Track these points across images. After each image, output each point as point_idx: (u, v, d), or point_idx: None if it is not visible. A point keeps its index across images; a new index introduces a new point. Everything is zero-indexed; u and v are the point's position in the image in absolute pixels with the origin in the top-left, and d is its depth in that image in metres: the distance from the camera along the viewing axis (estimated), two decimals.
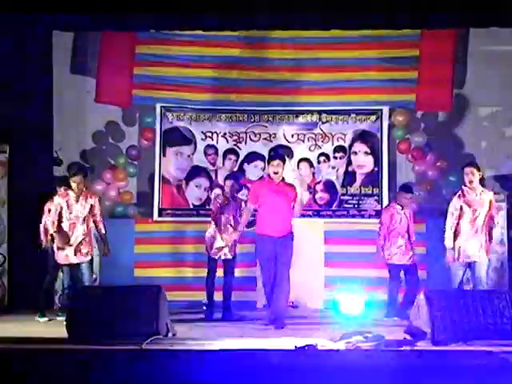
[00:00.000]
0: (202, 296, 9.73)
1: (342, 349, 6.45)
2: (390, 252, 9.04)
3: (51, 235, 8.71)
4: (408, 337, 6.86)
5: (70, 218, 8.59)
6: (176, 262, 10.48)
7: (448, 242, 8.03)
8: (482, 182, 8.09)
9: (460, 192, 8.04)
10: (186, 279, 10.35)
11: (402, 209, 9.12)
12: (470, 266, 8.01)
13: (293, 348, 6.30)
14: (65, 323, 7.05)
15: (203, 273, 9.48)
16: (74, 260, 8.60)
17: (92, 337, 6.73)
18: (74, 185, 8.57)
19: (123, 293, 7.32)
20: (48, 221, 8.80)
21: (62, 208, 8.58)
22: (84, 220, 8.63)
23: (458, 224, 8.00)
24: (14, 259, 9.91)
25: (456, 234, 7.98)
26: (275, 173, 7.98)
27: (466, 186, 7.99)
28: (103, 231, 8.73)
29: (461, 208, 7.97)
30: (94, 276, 9.53)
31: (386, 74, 10.62)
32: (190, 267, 10.41)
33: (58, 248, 8.59)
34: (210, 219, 9.22)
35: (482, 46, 10.53)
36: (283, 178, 8.28)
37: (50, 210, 8.84)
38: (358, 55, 10.62)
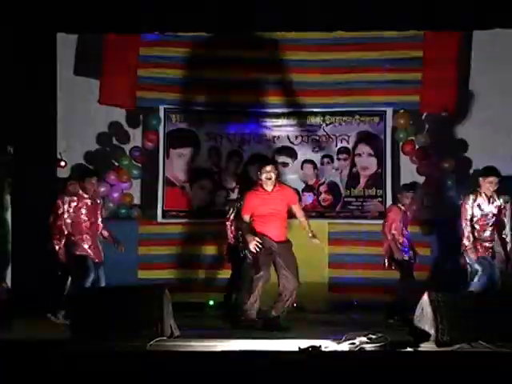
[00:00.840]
0: (205, 297, 10.19)
1: (345, 350, 6.41)
2: (402, 249, 8.90)
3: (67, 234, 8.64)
4: (412, 338, 6.81)
5: (84, 215, 8.62)
6: (180, 264, 10.46)
7: (466, 241, 7.98)
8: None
9: (473, 195, 8.01)
10: (190, 280, 10.35)
11: (404, 206, 9.00)
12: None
13: (297, 349, 6.27)
14: (68, 324, 7.10)
15: (207, 274, 9.72)
16: (95, 257, 8.63)
17: (95, 338, 6.65)
18: (88, 186, 8.61)
19: (127, 293, 7.26)
20: (65, 217, 8.64)
21: (76, 203, 8.59)
22: (95, 219, 8.72)
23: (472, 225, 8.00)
24: (17, 261, 9.88)
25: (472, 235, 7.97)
26: (268, 178, 7.89)
27: (481, 190, 7.97)
28: (107, 233, 8.81)
29: (473, 208, 7.97)
30: None
31: (390, 76, 10.53)
32: (194, 268, 10.42)
33: (76, 242, 8.58)
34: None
35: (486, 47, 10.47)
36: (279, 182, 8.19)
37: (60, 209, 8.72)
38: (361, 56, 10.55)
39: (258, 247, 7.78)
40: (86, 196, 8.70)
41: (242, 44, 10.61)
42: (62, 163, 10.40)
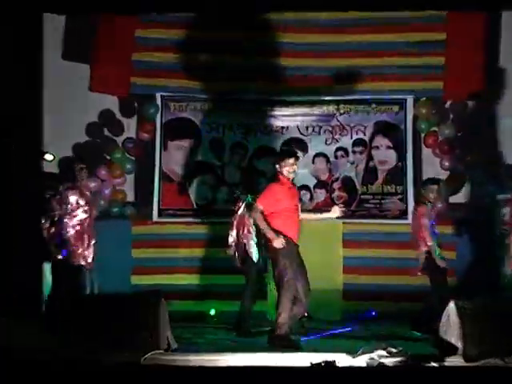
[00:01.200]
0: (205, 306, 9.87)
1: (362, 366, 6.19)
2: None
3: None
4: (436, 351, 6.58)
5: (83, 208, 8.57)
6: (177, 268, 10.13)
7: None
8: None
9: None
10: (189, 287, 10.05)
11: (431, 203, 8.65)
12: None
13: (308, 365, 6.03)
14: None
15: (208, 280, 9.71)
16: (87, 261, 8.61)
17: (85, 349, 6.34)
18: (77, 173, 8.60)
19: (119, 301, 7.08)
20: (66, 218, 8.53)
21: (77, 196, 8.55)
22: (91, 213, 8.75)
23: None
24: (15, 261, 9.19)
25: None
26: (292, 172, 7.60)
27: None
28: None
29: None
30: None
31: (410, 60, 10.25)
32: (193, 273, 10.13)
33: (74, 246, 8.49)
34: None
35: None
36: None
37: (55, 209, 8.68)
38: (377, 39, 10.25)
39: (283, 245, 7.44)
40: (82, 183, 8.69)
41: (247, 26, 10.27)
42: (50, 157, 9.95)
